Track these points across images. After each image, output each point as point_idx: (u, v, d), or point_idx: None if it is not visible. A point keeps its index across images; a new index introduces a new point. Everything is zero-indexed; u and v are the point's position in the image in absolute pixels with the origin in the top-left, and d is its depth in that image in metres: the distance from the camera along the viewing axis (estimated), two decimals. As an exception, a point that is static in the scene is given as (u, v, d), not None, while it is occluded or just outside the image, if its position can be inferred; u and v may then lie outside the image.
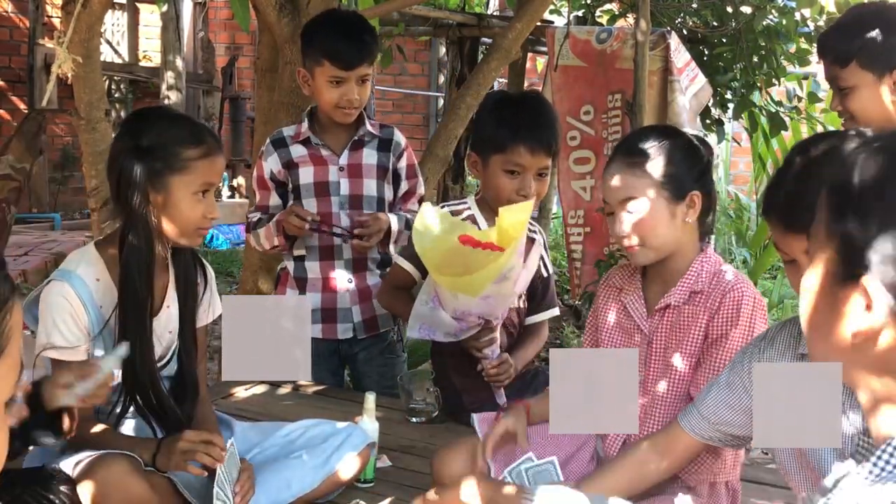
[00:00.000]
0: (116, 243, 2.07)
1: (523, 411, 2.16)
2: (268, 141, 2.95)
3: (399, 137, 2.97)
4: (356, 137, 2.90)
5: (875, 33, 2.36)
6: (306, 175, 2.89)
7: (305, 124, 2.91)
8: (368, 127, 2.91)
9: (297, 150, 2.90)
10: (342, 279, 2.91)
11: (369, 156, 2.91)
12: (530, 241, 2.53)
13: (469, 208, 2.65)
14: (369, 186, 2.90)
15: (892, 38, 2.35)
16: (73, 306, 2.03)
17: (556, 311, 2.80)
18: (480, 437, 2.15)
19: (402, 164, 2.96)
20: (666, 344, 2.09)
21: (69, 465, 1.92)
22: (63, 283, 2.03)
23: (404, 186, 2.98)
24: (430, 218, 2.41)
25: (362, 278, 2.92)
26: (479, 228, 2.59)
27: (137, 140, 2.02)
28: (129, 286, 2.04)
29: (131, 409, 2.11)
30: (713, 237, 2.15)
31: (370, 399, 2.37)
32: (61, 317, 2.02)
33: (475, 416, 2.25)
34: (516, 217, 2.33)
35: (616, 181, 2.04)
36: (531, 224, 2.78)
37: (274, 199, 2.94)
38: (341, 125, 2.88)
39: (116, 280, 2.08)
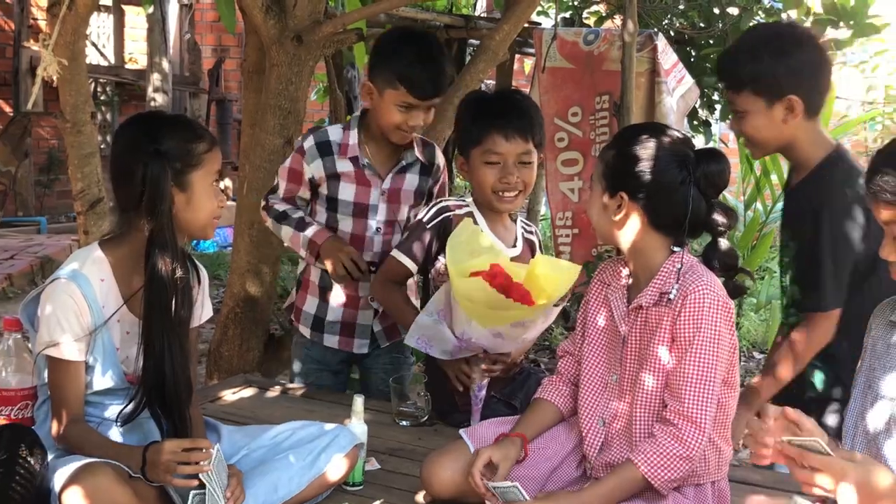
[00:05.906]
0: (123, 245, 2.12)
1: (519, 445, 2.16)
2: (311, 140, 2.83)
3: (439, 159, 2.94)
4: (403, 163, 2.84)
5: (766, 61, 2.34)
6: (347, 192, 2.82)
7: (354, 135, 2.81)
8: (416, 152, 2.84)
9: (344, 166, 2.80)
10: (366, 295, 2.87)
11: (411, 181, 2.87)
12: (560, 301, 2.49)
13: (468, 205, 2.66)
14: (405, 212, 2.87)
15: (782, 66, 2.33)
16: (77, 305, 2.04)
17: None
18: (471, 449, 2.17)
19: (438, 186, 2.95)
20: (639, 346, 2.09)
21: (59, 477, 1.89)
22: (69, 283, 2.04)
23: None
24: (467, 235, 2.42)
25: None
26: (480, 226, 2.59)
27: (157, 145, 2.06)
28: (157, 288, 2.06)
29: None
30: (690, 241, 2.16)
31: (358, 402, 2.36)
32: (65, 315, 2.03)
33: (463, 433, 2.25)
34: (557, 276, 2.33)
35: None
36: (527, 225, 2.77)
37: (304, 193, 2.87)
38: (391, 143, 2.80)
39: (121, 281, 2.11)
